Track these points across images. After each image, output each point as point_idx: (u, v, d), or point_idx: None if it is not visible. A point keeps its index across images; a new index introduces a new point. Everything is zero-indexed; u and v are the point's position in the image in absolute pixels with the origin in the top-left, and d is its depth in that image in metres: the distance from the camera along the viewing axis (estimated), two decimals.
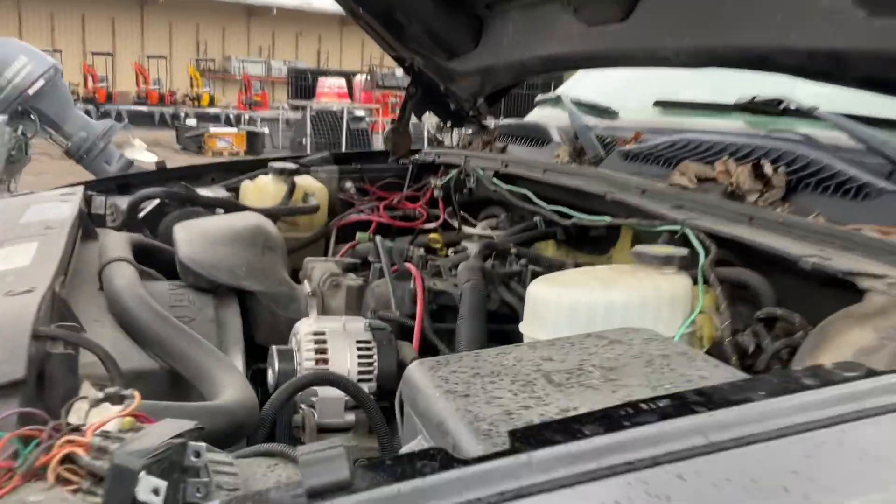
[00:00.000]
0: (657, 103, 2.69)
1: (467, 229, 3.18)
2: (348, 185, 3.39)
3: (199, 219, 2.48)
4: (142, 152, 11.84)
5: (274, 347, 1.92)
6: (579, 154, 2.63)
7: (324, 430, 1.79)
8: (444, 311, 2.26)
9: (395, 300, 2.19)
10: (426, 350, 2.08)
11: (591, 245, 2.62)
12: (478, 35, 3.01)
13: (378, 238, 2.38)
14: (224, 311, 2.08)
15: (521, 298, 2.01)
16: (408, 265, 2.31)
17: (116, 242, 2.18)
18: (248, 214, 2.55)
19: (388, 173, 3.54)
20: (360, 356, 1.89)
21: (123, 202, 2.81)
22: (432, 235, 2.95)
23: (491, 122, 3.71)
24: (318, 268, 2.35)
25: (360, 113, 20.02)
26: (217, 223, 2.39)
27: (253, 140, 19.89)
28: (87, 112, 19.98)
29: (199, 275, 2.10)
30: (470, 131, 3.69)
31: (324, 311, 2.23)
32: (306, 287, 2.26)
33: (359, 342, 1.91)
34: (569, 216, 2.30)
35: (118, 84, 29.13)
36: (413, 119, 3.65)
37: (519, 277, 2.35)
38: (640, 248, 1.67)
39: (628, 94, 2.98)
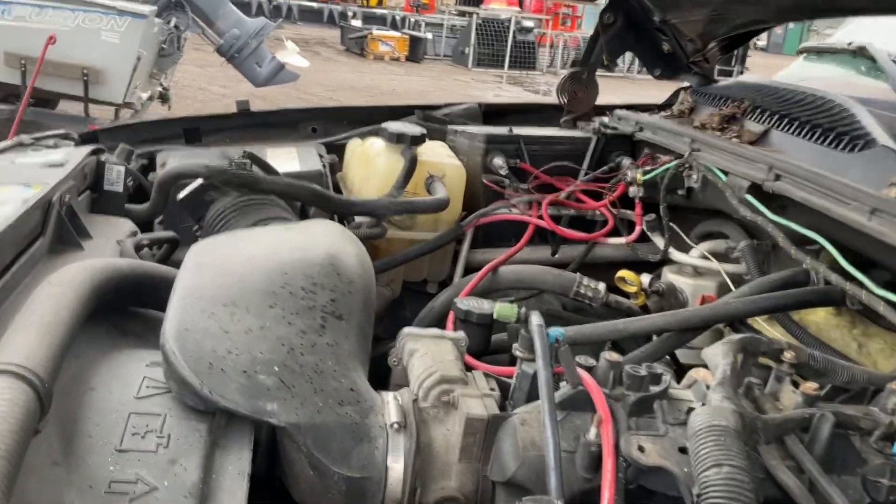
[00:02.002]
0: None
1: (677, 255, 2.00)
2: (498, 161, 2.27)
3: (228, 238, 1.46)
4: (293, 55, 11.23)
5: None
6: None
7: None
8: (659, 500, 1.16)
9: (555, 471, 1.10)
10: None
11: None
12: None
13: (535, 317, 1.27)
14: (222, 460, 1.08)
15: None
16: (586, 380, 1.20)
17: (70, 278, 1.21)
18: (317, 232, 1.50)
19: (560, 145, 2.38)
20: None
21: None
22: (625, 274, 1.81)
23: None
24: (420, 360, 1.28)
25: (528, 23, 18.62)
26: (249, 251, 1.36)
27: (415, 46, 18.84)
28: (259, 3, 19.75)
29: (186, 384, 1.09)
30: (686, 87, 2.45)
31: (419, 460, 1.17)
32: (389, 409, 1.21)
33: None
34: None
35: None
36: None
37: (808, 429, 1.19)
38: None
39: None
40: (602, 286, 1.88)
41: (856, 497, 1.13)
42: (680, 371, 1.75)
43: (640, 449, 1.10)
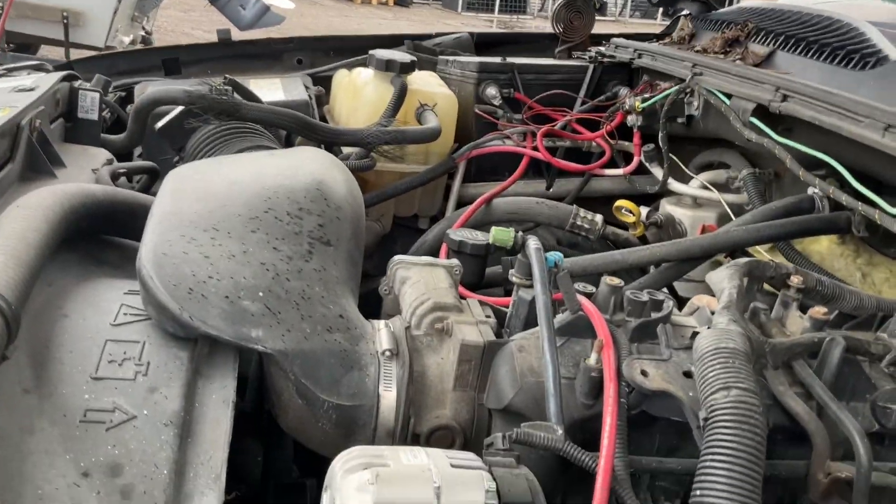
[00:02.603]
0: None
1: (676, 186, 1.94)
2: (491, 91, 2.18)
3: (209, 163, 1.39)
4: None
5: None
6: None
7: None
8: (661, 426, 1.11)
9: (555, 397, 1.05)
10: None
11: None
12: None
13: (532, 241, 1.21)
14: (204, 389, 1.02)
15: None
16: (586, 305, 1.15)
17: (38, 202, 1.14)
18: (304, 157, 1.42)
19: (555, 74, 2.29)
20: None
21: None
22: (623, 203, 1.75)
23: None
24: (412, 287, 1.22)
25: None
26: (232, 176, 1.28)
27: None
28: None
29: (164, 310, 1.03)
30: (686, 14, 2.36)
31: (412, 388, 1.12)
32: (381, 336, 1.15)
33: None
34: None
35: None
36: None
37: (817, 355, 1.14)
38: None
39: None
40: (599, 218, 1.82)
41: (864, 424, 1.09)
42: (679, 305, 1.71)
43: (644, 373, 1.05)
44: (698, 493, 0.89)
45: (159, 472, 0.90)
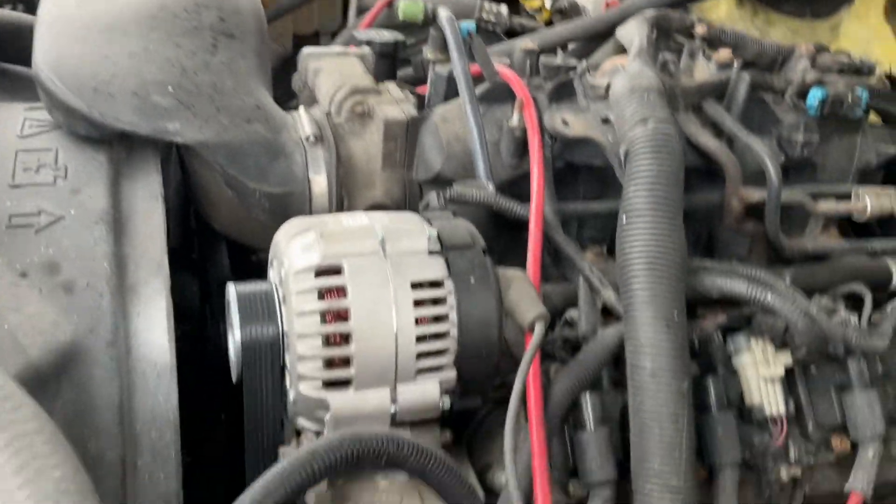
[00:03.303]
0: None
1: None
2: None
3: None
4: None
5: (232, 289, 0.87)
6: None
7: None
8: (584, 177, 1.15)
9: (482, 156, 1.08)
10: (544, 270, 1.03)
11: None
12: None
13: (443, 11, 1.19)
14: (129, 187, 1.00)
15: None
16: (503, 70, 1.15)
17: None
18: None
19: None
20: (419, 311, 0.84)
21: None
22: None
23: None
24: (327, 77, 1.20)
25: None
26: None
27: None
28: None
29: (73, 111, 0.98)
30: None
31: (342, 171, 1.12)
32: (303, 123, 1.14)
33: (418, 283, 0.85)
34: None
35: None
36: None
37: (724, 96, 1.19)
38: None
39: None
40: (504, 8, 1.80)
41: (772, 153, 1.15)
42: None
43: (564, 122, 1.08)
44: (624, 220, 0.94)
45: (98, 265, 0.89)
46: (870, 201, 1.17)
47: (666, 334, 0.88)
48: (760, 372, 1.01)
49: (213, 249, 1.30)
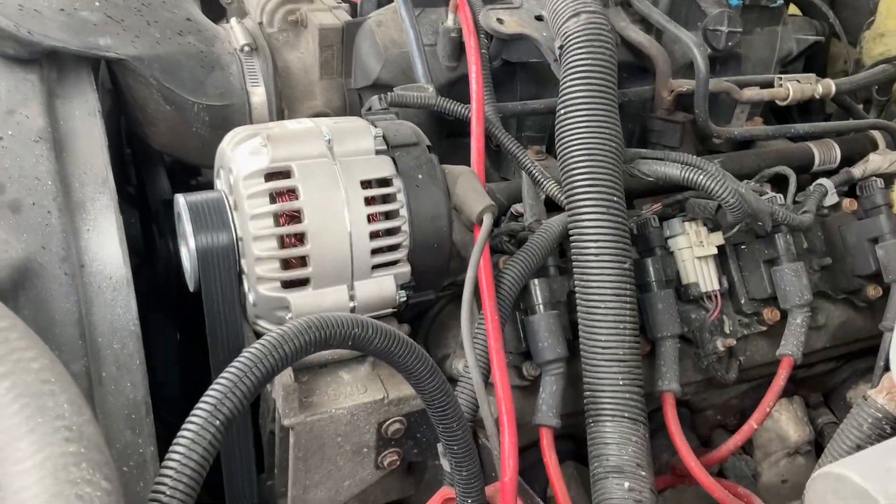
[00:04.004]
0: None
1: None
2: None
3: None
4: None
5: (182, 200, 0.88)
6: None
7: None
8: (521, 76, 1.17)
9: (420, 58, 1.09)
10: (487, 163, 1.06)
11: None
12: None
13: None
14: (65, 106, 0.98)
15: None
16: None
17: None
18: None
19: None
20: (371, 209, 0.87)
21: None
22: None
23: None
24: None
25: None
26: None
27: None
28: None
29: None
30: None
31: (280, 81, 1.12)
32: (235, 34, 1.12)
33: (367, 182, 0.87)
34: None
35: None
36: None
37: None
38: None
39: None
40: None
41: (699, 42, 1.18)
42: None
43: (499, 21, 1.09)
44: (562, 111, 0.97)
45: (42, 183, 0.88)
46: (791, 88, 1.22)
47: (607, 218, 0.92)
48: (695, 252, 1.07)
49: (152, 172, 1.30)
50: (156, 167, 1.30)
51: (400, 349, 0.72)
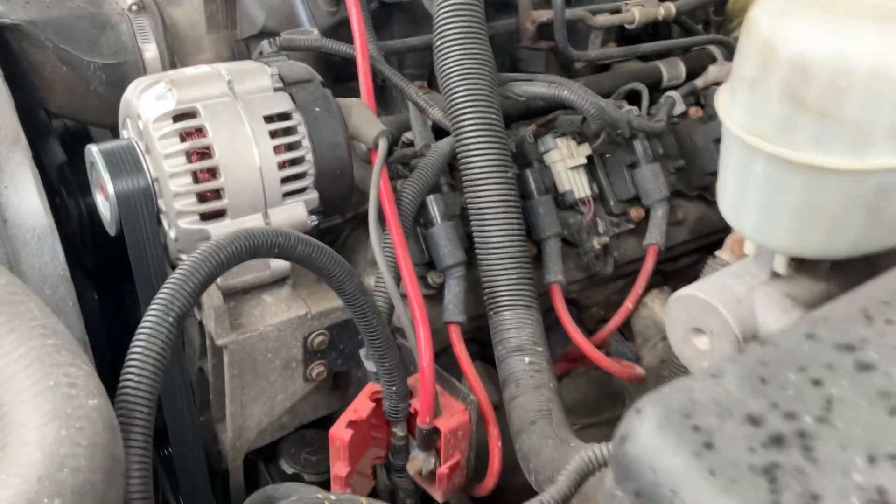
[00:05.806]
0: None
1: None
2: None
3: None
4: None
5: (95, 149, 0.93)
6: None
7: None
8: (397, 16, 1.26)
9: (302, 4, 1.17)
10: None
11: None
12: None
13: None
14: None
15: None
16: None
17: None
18: None
19: None
20: (276, 141, 0.95)
21: None
22: None
23: None
24: None
25: None
26: None
27: None
28: None
29: None
30: None
31: (170, 37, 1.18)
32: None
33: (269, 117, 0.95)
34: None
35: None
36: None
37: None
38: None
39: None
40: None
41: None
42: None
43: None
44: (439, 43, 1.07)
45: None
46: (637, 12, 1.37)
47: (489, 134, 1.04)
48: (567, 163, 1.20)
49: (45, 142, 1.32)
50: (49, 137, 1.32)
51: (320, 255, 0.82)
